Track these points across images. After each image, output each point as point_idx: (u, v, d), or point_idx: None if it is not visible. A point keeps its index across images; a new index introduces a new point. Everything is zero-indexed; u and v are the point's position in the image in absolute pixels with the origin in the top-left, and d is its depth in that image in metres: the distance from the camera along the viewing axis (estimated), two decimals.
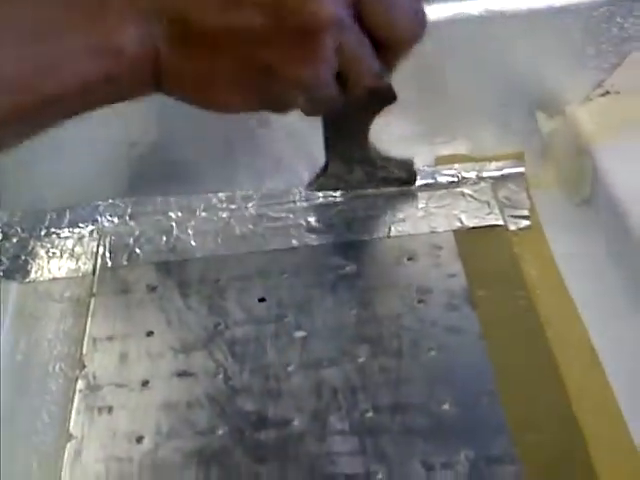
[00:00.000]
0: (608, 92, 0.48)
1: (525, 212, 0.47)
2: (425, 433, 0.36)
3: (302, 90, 0.35)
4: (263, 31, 0.32)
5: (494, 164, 0.49)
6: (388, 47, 0.34)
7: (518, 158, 0.50)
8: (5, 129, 0.32)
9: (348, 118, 0.42)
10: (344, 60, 0.34)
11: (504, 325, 0.41)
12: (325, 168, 0.47)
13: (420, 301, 0.42)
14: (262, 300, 0.43)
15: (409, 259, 0.45)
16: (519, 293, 0.42)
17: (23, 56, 0.30)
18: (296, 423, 0.37)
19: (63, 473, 0.36)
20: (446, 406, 0.37)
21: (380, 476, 0.35)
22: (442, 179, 0.49)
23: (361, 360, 0.40)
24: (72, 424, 0.38)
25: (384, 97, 0.40)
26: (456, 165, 0.49)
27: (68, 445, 0.37)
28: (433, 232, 0.46)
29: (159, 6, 0.31)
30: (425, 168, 0.49)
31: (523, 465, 0.35)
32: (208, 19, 0.31)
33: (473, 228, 0.46)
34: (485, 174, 0.49)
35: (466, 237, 0.46)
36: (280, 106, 0.36)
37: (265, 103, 0.35)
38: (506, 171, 0.49)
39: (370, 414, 0.37)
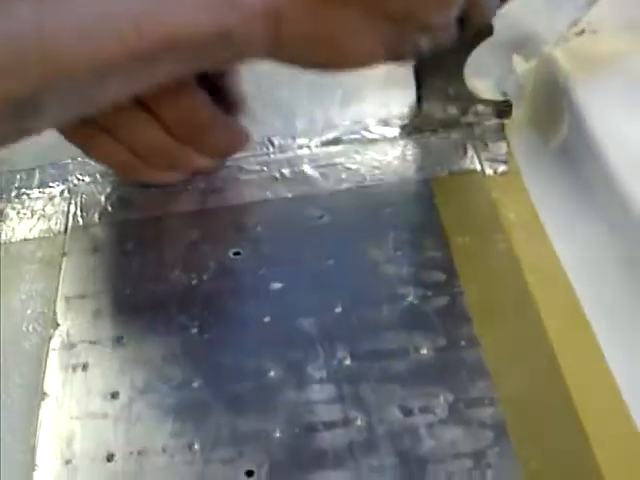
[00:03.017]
0: (584, 31, 0.47)
1: (502, 156, 0.46)
2: (403, 379, 0.36)
3: (430, 34, 0.34)
4: None
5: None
6: None
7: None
8: (111, 78, 0.30)
9: (446, 55, 0.42)
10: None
11: (483, 270, 0.41)
12: (419, 109, 0.46)
13: (397, 249, 0.42)
14: (237, 254, 0.42)
15: (385, 207, 0.44)
16: (498, 237, 0.42)
17: None
18: (273, 374, 0.37)
19: (38, 431, 0.36)
20: (424, 351, 0.37)
21: (359, 422, 0.35)
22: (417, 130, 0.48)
23: (338, 310, 0.39)
24: (46, 383, 0.37)
25: (486, 31, 0.41)
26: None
27: (43, 403, 0.37)
28: (408, 179, 0.45)
29: None
30: (399, 115, 0.48)
31: (503, 406, 0.34)
32: None
33: (449, 174, 0.45)
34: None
35: (442, 183, 0.45)
36: (405, 53, 0.36)
37: (390, 52, 0.34)
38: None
39: (348, 362, 0.37)
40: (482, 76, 0.49)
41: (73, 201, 0.46)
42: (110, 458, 0.34)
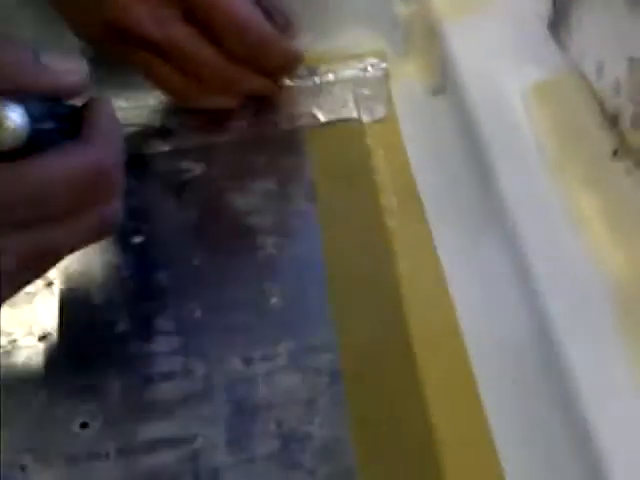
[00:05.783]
0: None
1: (382, 104, 0.45)
2: (249, 329, 0.36)
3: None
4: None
5: (354, 63, 0.47)
6: None
7: (379, 56, 0.48)
8: None
9: None
10: None
11: (344, 217, 0.40)
12: None
13: (264, 199, 0.41)
14: None
15: (258, 158, 0.43)
16: (364, 185, 0.41)
17: None
18: (121, 326, 0.36)
19: None
20: (274, 300, 0.37)
21: (200, 373, 0.34)
22: (299, 79, 0.47)
23: (196, 262, 0.39)
24: None
25: None
26: (315, 64, 0.47)
27: None
28: (285, 130, 0.45)
29: None
30: None
31: (342, 353, 0.34)
32: None
33: (327, 123, 0.45)
34: (347, 72, 0.47)
35: (318, 132, 0.44)
36: None
37: None
38: (368, 69, 0.47)
39: (197, 314, 0.37)
40: (366, 26, 0.48)
41: None
42: None
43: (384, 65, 0.47)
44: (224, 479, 0.31)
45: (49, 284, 0.39)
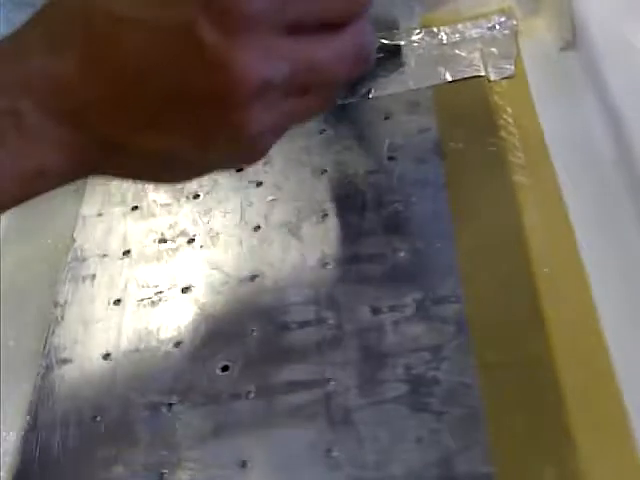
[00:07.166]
0: None
1: (510, 62, 0.45)
2: (377, 281, 0.37)
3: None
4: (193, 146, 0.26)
5: (481, 21, 0.47)
6: None
7: (508, 13, 0.47)
8: None
9: None
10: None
11: (471, 174, 0.40)
12: None
13: (390, 158, 0.42)
14: (240, 170, 0.44)
15: (385, 118, 0.44)
16: (490, 141, 0.41)
17: None
18: (260, 277, 0.39)
19: (50, 333, 0.39)
20: (402, 254, 0.38)
21: (331, 321, 0.36)
22: (428, 39, 0.48)
23: (327, 217, 0.40)
24: (59, 292, 0.41)
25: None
26: (442, 24, 0.48)
27: (55, 310, 0.40)
28: (413, 89, 0.45)
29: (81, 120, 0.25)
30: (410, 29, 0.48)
31: (469, 304, 0.35)
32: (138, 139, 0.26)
33: (454, 81, 0.45)
34: (474, 31, 0.47)
35: (445, 90, 0.45)
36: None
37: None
38: (496, 27, 0.47)
39: (330, 266, 0.38)
40: None
41: None
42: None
43: (513, 22, 0.47)
44: (356, 419, 0.32)
45: (190, 241, 0.41)
